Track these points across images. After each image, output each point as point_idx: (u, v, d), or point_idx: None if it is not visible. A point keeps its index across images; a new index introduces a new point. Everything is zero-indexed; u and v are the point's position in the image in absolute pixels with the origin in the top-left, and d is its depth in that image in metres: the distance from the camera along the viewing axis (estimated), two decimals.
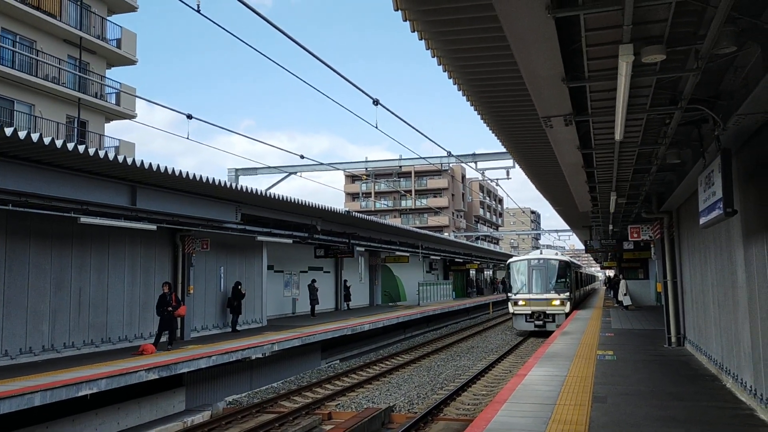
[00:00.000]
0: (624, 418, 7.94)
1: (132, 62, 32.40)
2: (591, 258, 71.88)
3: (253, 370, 17.22)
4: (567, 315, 25.83)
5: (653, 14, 5.22)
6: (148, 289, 16.82)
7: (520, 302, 26.58)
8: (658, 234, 16.14)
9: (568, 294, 26.16)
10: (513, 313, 27.16)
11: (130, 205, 14.06)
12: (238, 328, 20.01)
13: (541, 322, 26.19)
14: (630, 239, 17.34)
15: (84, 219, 13.02)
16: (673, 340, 15.34)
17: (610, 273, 56.81)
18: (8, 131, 9.84)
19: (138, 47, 32.76)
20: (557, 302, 25.95)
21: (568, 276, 26.88)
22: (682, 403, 8.83)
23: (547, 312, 26.09)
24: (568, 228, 35.79)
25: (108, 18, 31.69)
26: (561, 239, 54.75)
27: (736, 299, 9.15)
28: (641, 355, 13.76)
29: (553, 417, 8.05)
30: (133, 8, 32.80)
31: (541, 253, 29.36)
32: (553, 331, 22.62)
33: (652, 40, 5.51)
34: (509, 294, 27.59)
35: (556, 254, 29.89)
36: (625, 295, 29.69)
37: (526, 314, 26.52)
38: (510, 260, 28.82)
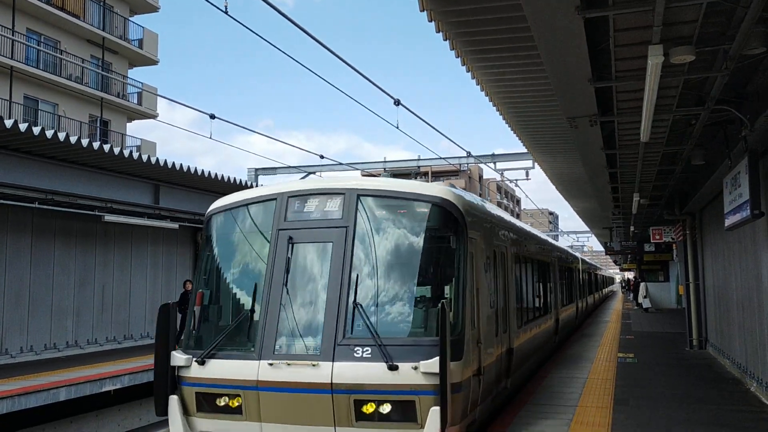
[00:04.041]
0: (647, 421, 7.88)
1: (153, 62, 32.77)
2: (610, 260, 71.29)
3: None
4: None
5: (683, 15, 5.18)
6: (170, 287, 16.98)
7: (222, 401, 5.88)
8: (680, 236, 15.98)
9: (460, 362, 5.70)
10: None
11: (153, 204, 14.23)
12: None
13: None
14: (652, 241, 17.19)
15: (108, 217, 13.18)
16: (695, 343, 15.18)
17: (630, 275, 56.07)
18: (36, 130, 10.02)
19: (159, 47, 33.12)
20: (388, 406, 5.40)
21: (461, 270, 6.00)
22: (706, 407, 8.74)
23: None
24: (588, 230, 35.52)
25: (130, 18, 32.05)
26: (580, 240, 54.18)
27: (760, 302, 9.04)
28: (663, 358, 13.63)
29: (576, 419, 8.01)
30: (154, 9, 33.15)
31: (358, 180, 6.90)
32: None
33: (682, 41, 5.48)
34: (179, 350, 6.23)
35: (415, 180, 9.05)
36: (645, 297, 29.45)
37: None
38: (212, 208, 6.98)
